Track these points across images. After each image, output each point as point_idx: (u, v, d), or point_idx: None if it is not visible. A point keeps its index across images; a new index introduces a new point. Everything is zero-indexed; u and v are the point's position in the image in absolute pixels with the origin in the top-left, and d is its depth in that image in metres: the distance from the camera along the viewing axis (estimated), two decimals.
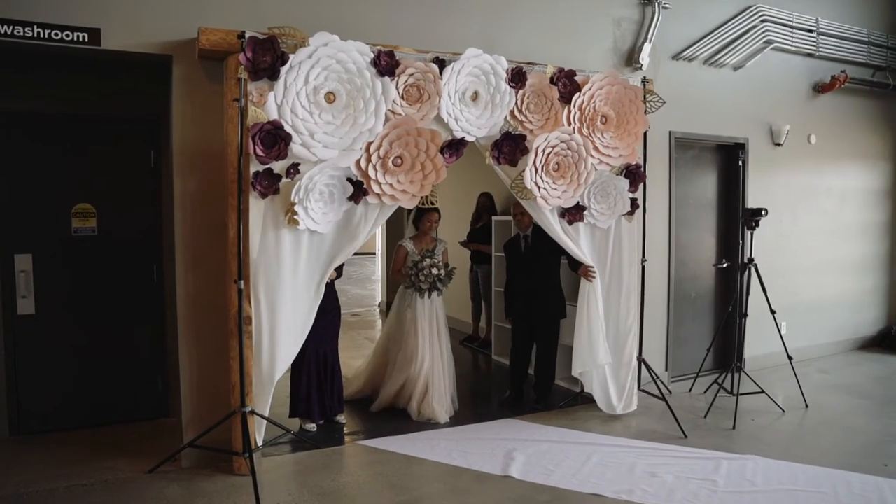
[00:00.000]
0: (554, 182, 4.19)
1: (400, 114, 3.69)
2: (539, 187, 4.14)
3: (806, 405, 4.86)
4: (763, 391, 4.80)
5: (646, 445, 4.05)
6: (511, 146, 4.09)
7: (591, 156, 4.27)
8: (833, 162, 6.38)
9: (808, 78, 6.10)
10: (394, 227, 8.61)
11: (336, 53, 3.43)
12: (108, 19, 3.42)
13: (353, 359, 5.91)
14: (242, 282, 3.38)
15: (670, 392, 5.12)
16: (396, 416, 4.50)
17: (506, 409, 4.76)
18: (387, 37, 3.87)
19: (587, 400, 4.75)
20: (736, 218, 5.61)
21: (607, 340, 4.49)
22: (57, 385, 4.21)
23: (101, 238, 4.29)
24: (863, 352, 6.67)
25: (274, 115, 3.37)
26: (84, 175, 4.24)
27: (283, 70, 3.34)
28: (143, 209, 4.40)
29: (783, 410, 4.75)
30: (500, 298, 5.77)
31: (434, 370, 4.52)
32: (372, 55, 3.55)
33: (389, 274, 4.95)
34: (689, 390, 5.27)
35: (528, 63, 4.11)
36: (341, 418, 4.41)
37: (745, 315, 4.76)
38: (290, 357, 3.66)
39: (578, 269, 4.54)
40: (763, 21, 5.56)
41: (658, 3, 5.02)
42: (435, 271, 4.46)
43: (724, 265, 5.75)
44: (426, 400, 4.46)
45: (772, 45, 5.65)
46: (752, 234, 4.79)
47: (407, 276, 4.56)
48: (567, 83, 4.18)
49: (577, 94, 4.18)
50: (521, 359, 4.90)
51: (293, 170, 3.46)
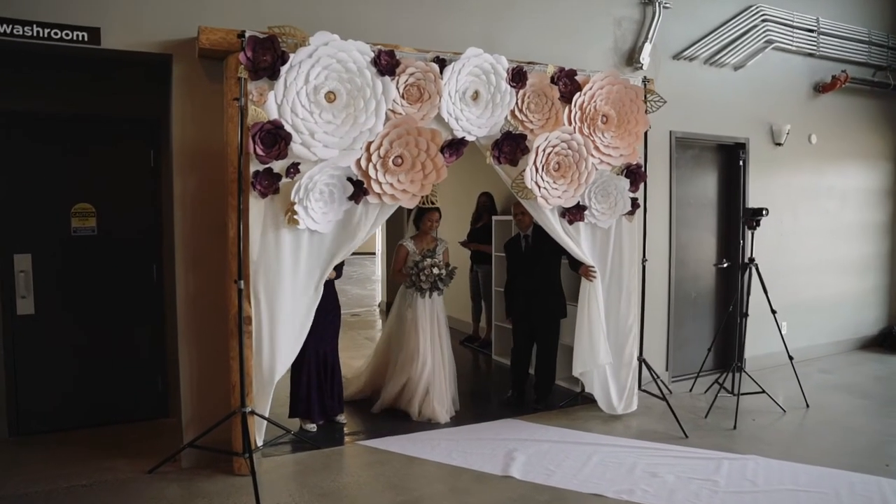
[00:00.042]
0: (554, 182, 4.18)
1: (400, 113, 3.69)
2: (539, 187, 4.13)
3: (807, 405, 4.85)
4: (764, 391, 4.79)
5: (646, 445, 4.04)
6: (511, 146, 4.08)
7: (592, 155, 4.26)
8: (834, 162, 6.38)
9: (809, 78, 6.10)
10: (394, 226, 8.61)
11: (336, 53, 3.43)
12: (108, 18, 3.42)
13: (353, 359, 5.90)
14: (242, 282, 3.38)
15: (671, 392, 5.12)
16: (396, 416, 4.50)
17: (508, 408, 4.76)
18: (387, 36, 3.86)
19: (588, 400, 4.74)
20: (736, 218, 5.61)
21: (608, 340, 4.48)
22: (57, 385, 4.20)
23: (100, 238, 4.29)
24: (863, 351, 6.67)
25: (274, 115, 3.36)
26: (84, 175, 4.24)
27: (284, 69, 3.34)
28: (143, 209, 4.40)
29: (784, 410, 4.74)
30: (500, 298, 5.76)
31: (435, 370, 4.52)
32: (372, 54, 3.54)
33: (390, 274, 4.94)
34: (690, 390, 5.26)
35: (529, 62, 4.11)
36: (341, 418, 4.40)
37: (745, 315, 4.76)
38: (291, 357, 3.66)
39: (579, 269, 4.53)
40: (764, 21, 5.56)
41: (659, 3, 5.01)
42: (436, 271, 4.45)
43: (725, 265, 5.75)
44: (427, 400, 4.46)
45: (772, 45, 5.65)
46: (752, 234, 4.79)
47: (408, 276, 4.56)
48: (568, 83, 4.18)
49: (578, 94, 4.18)
50: (521, 359, 4.89)
51: (293, 169, 3.46)
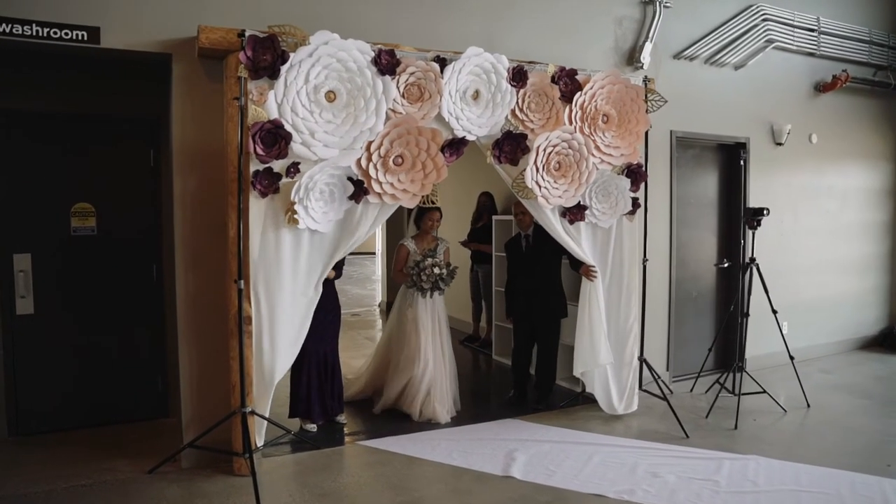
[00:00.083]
0: (555, 181, 4.17)
1: (401, 113, 3.68)
2: (540, 186, 4.13)
3: (808, 405, 4.84)
4: (765, 391, 4.78)
5: (647, 445, 4.04)
6: (512, 145, 4.08)
7: (593, 155, 4.25)
8: (834, 161, 6.37)
9: (810, 77, 6.09)
10: (394, 226, 8.60)
11: (336, 52, 3.42)
12: (108, 18, 3.41)
13: (354, 359, 5.90)
14: (242, 281, 3.37)
15: (671, 392, 5.11)
16: (397, 416, 4.49)
17: (508, 408, 4.75)
18: (387, 35, 3.86)
19: (588, 400, 4.73)
20: (737, 217, 5.60)
21: (608, 340, 4.47)
22: (56, 385, 4.19)
23: (100, 238, 4.28)
24: (864, 351, 6.66)
25: (274, 114, 3.35)
26: (83, 174, 4.23)
27: (284, 69, 3.33)
28: (143, 209, 4.39)
29: (785, 410, 4.74)
30: (500, 298, 5.76)
31: (436, 370, 4.50)
32: (372, 54, 3.53)
33: (391, 274, 4.92)
34: (691, 390, 5.25)
35: (530, 62, 4.10)
36: (342, 418, 4.40)
37: (746, 315, 4.75)
38: (291, 357, 3.65)
39: (580, 269, 4.52)
40: (764, 20, 5.55)
41: (659, 2, 5.01)
42: (437, 271, 4.44)
43: (726, 265, 5.74)
44: (428, 400, 4.44)
45: (773, 45, 5.64)
46: (753, 234, 4.78)
47: (409, 276, 4.55)
48: (568, 82, 4.17)
49: (579, 93, 4.17)
50: (522, 358, 4.88)
51: (293, 169, 3.45)
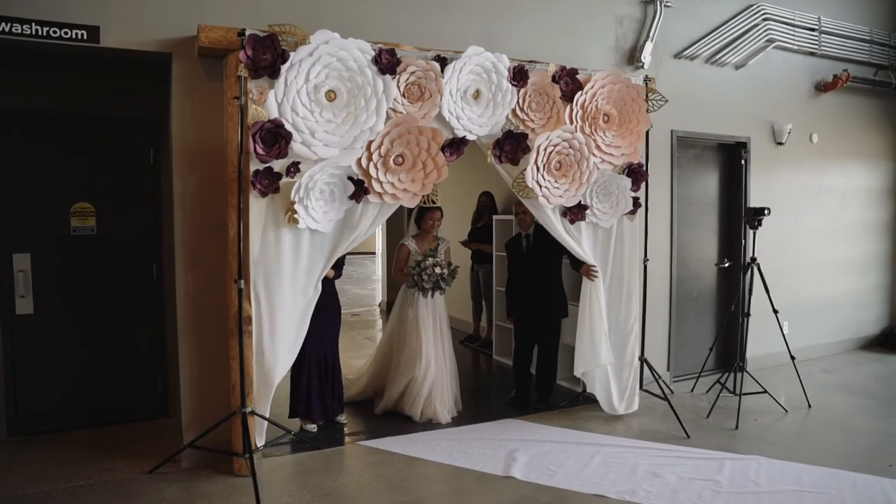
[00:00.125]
0: (556, 181, 4.16)
1: (401, 112, 3.67)
2: (541, 186, 4.12)
3: (809, 405, 4.84)
4: (766, 391, 4.77)
5: (648, 446, 4.03)
6: (513, 145, 4.07)
7: (594, 154, 4.25)
8: (835, 161, 6.36)
9: (810, 77, 6.08)
10: (394, 226, 8.60)
11: (337, 51, 3.41)
12: (107, 17, 3.40)
13: (354, 359, 5.89)
14: (242, 281, 3.36)
15: (672, 392, 5.10)
16: (397, 416, 4.47)
17: (509, 408, 4.74)
18: (388, 35, 3.85)
19: (589, 400, 4.73)
20: (738, 217, 5.59)
21: (609, 340, 4.46)
22: (56, 385, 4.19)
23: (100, 237, 4.27)
24: (865, 351, 6.65)
25: (274, 114, 3.34)
26: (83, 174, 4.22)
27: (284, 68, 3.32)
28: (143, 208, 4.38)
29: (786, 410, 4.73)
30: (501, 298, 5.75)
31: (438, 371, 4.49)
32: (373, 53, 3.52)
33: (391, 274, 4.91)
34: (692, 390, 5.25)
35: (530, 61, 4.09)
36: (342, 419, 4.39)
37: (747, 315, 4.74)
38: (291, 357, 3.64)
39: (580, 269, 4.51)
40: (765, 19, 5.54)
41: (660, 2, 5.00)
42: (438, 270, 4.42)
43: (726, 264, 5.73)
44: (429, 401, 4.43)
45: (774, 44, 5.63)
46: (754, 234, 4.77)
47: (410, 276, 4.53)
48: (569, 81, 4.16)
49: (580, 93, 4.16)
50: (524, 358, 4.87)
51: (293, 168, 3.44)
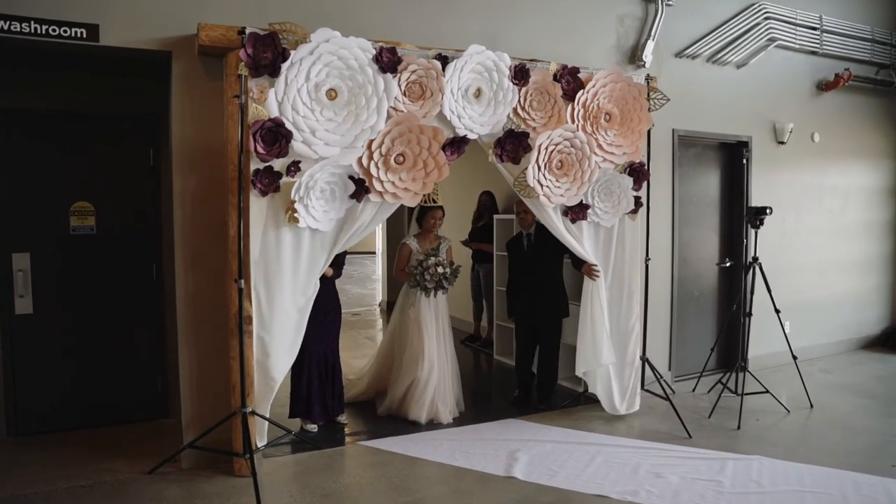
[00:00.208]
0: (557, 180, 4.15)
1: (402, 111, 3.66)
2: (542, 185, 4.10)
3: (810, 405, 4.82)
4: (767, 391, 4.76)
5: (650, 446, 4.02)
6: (514, 144, 4.05)
7: (595, 154, 4.23)
8: (837, 160, 6.35)
9: (812, 76, 6.07)
10: (394, 225, 8.59)
11: (338, 50, 3.40)
12: (107, 15, 3.38)
13: (355, 358, 5.88)
14: (243, 281, 3.35)
15: (674, 392, 5.09)
16: (399, 417, 4.45)
17: (511, 408, 4.73)
18: (389, 33, 3.83)
19: (590, 400, 4.71)
20: (739, 216, 5.58)
21: (611, 340, 4.45)
22: (55, 385, 4.17)
23: (99, 237, 4.25)
24: (866, 351, 6.64)
25: (275, 112, 3.33)
26: (83, 173, 4.20)
27: (284, 66, 3.31)
28: (143, 207, 4.36)
29: (788, 410, 4.72)
30: (501, 297, 5.74)
31: (440, 371, 4.46)
32: (374, 52, 3.51)
33: (393, 273, 4.89)
34: (693, 390, 5.23)
35: (531, 60, 4.07)
36: (342, 419, 4.37)
37: (749, 314, 4.73)
38: (292, 356, 3.63)
39: (581, 268, 4.50)
40: (766, 18, 5.53)
41: (661, 1, 4.98)
42: (441, 270, 4.39)
43: (728, 264, 5.71)
44: (431, 402, 4.40)
45: (775, 43, 5.62)
46: (756, 233, 4.76)
47: (412, 276, 4.50)
48: (570, 80, 4.15)
49: (581, 92, 4.14)
50: (526, 358, 4.86)
51: (294, 167, 3.43)
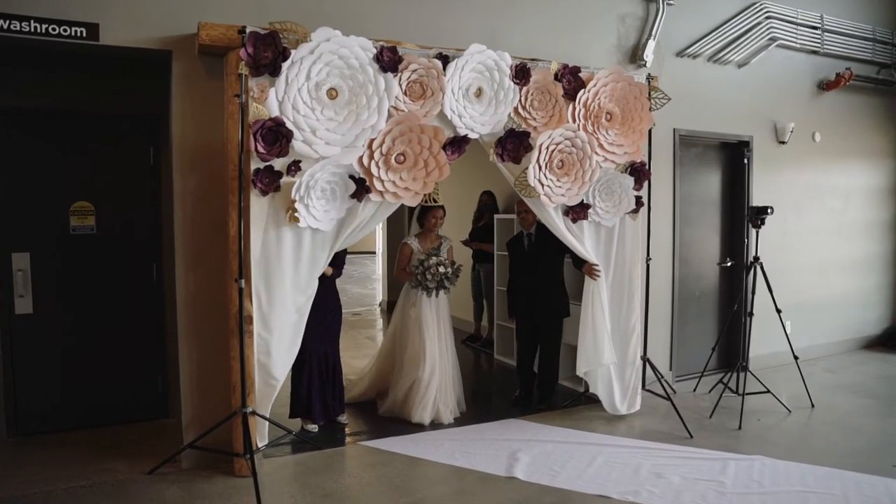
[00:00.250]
0: (558, 180, 4.14)
1: (403, 110, 3.65)
2: (543, 185, 4.10)
3: (812, 405, 4.82)
4: (769, 391, 4.75)
5: (651, 446, 4.01)
6: (515, 143, 4.05)
7: (596, 153, 4.22)
8: (838, 160, 6.34)
9: (813, 75, 6.06)
10: (394, 225, 8.58)
11: (338, 49, 3.39)
12: (107, 14, 3.38)
13: (355, 358, 5.87)
14: (243, 280, 3.34)
15: (675, 392, 5.08)
16: (400, 417, 4.44)
17: (512, 408, 4.72)
18: (390, 32, 3.82)
19: (591, 400, 4.71)
20: (740, 216, 5.57)
21: (612, 339, 4.44)
22: (55, 385, 4.16)
23: (99, 236, 4.25)
24: (867, 351, 6.63)
25: (275, 112, 3.32)
26: (83, 173, 4.19)
27: (285, 66, 3.30)
28: (143, 207, 4.36)
29: (789, 410, 4.71)
30: (502, 297, 5.73)
31: (442, 371, 4.45)
32: (374, 51, 3.50)
33: (394, 273, 4.87)
34: (694, 390, 5.23)
35: (532, 59, 4.06)
36: (343, 419, 4.37)
37: (750, 314, 4.72)
38: (292, 356, 3.62)
39: (582, 268, 4.49)
40: (767, 18, 5.52)
41: (662, 0, 4.97)
42: (442, 270, 4.38)
43: (729, 264, 5.71)
44: (433, 402, 4.39)
45: (776, 43, 5.61)
46: (757, 233, 4.75)
47: (413, 275, 4.48)
48: (571, 79, 4.14)
49: (582, 91, 4.14)
50: (527, 358, 4.85)
51: (294, 167, 3.42)
